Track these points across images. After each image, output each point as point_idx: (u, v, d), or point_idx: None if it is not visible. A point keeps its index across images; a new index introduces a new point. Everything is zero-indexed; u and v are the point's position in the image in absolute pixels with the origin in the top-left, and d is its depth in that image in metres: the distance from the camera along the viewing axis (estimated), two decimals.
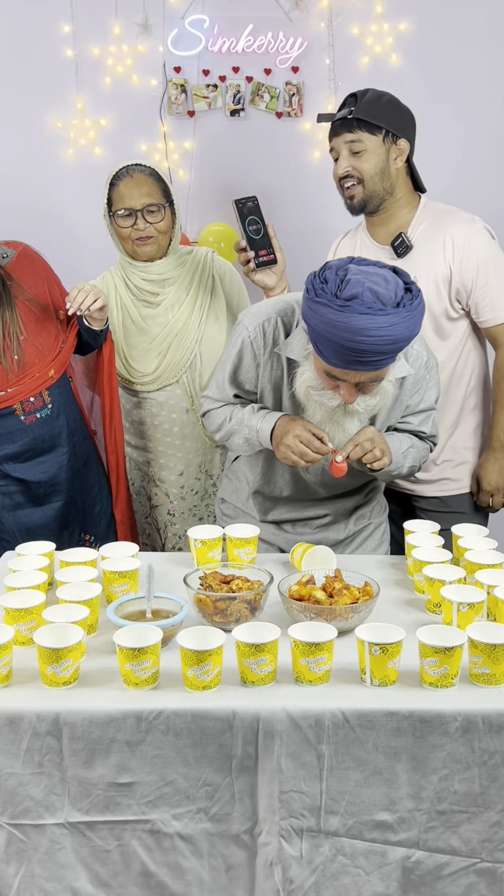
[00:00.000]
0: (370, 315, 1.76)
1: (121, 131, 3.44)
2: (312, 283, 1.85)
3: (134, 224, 2.54)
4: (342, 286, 1.80)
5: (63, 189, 3.45)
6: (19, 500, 2.41)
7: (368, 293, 1.79)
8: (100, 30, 3.34)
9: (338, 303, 1.77)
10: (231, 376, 2.12)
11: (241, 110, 3.44)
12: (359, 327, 1.76)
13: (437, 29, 3.36)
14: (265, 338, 2.05)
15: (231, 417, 2.14)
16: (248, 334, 2.06)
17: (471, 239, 2.42)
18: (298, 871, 1.57)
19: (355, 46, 3.38)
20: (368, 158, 2.41)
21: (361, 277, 1.80)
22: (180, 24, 3.33)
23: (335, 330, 1.78)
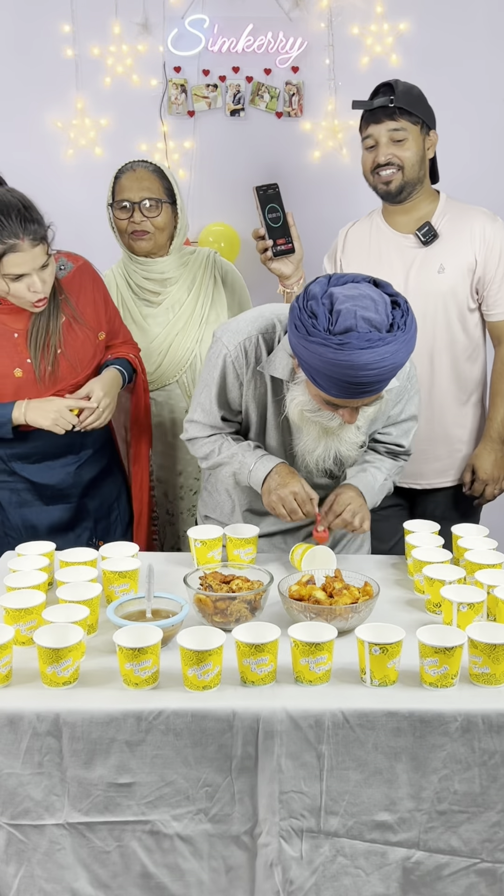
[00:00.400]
0: (371, 349, 1.71)
1: (121, 131, 3.44)
2: (300, 318, 1.77)
3: (130, 217, 2.55)
4: (333, 319, 1.74)
5: (63, 189, 3.45)
6: (27, 497, 2.38)
7: (363, 323, 1.73)
8: (100, 30, 3.35)
9: (335, 341, 1.71)
10: (217, 398, 2.08)
11: (241, 110, 3.44)
12: (361, 363, 1.72)
13: (437, 29, 3.36)
14: (247, 357, 2.02)
15: (220, 450, 2.11)
16: (228, 353, 2.02)
17: (496, 232, 2.51)
18: (298, 872, 1.57)
19: (355, 46, 3.38)
20: (410, 147, 2.47)
21: (350, 306, 1.74)
22: (180, 24, 3.34)
23: (335, 368, 1.74)
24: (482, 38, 3.39)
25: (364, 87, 3.36)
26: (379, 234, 2.60)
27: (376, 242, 2.61)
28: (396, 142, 2.47)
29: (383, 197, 2.55)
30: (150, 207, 2.54)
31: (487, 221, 2.51)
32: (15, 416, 2.23)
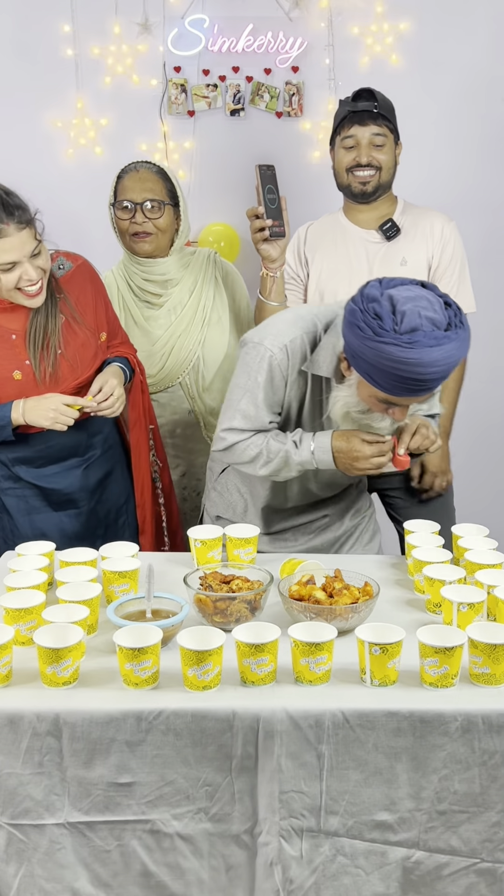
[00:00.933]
0: (438, 346, 1.77)
1: (121, 131, 3.44)
2: (364, 320, 1.81)
3: (132, 217, 2.54)
4: (398, 319, 1.79)
5: (63, 189, 3.45)
6: (35, 503, 2.35)
7: (427, 322, 1.78)
8: (100, 29, 3.34)
9: (404, 339, 1.76)
10: (265, 402, 2.06)
11: (241, 110, 3.44)
12: (430, 360, 1.77)
13: (437, 29, 3.36)
14: (290, 358, 2.03)
15: (268, 453, 2.06)
16: (272, 355, 2.02)
17: (450, 232, 2.66)
18: (298, 871, 1.57)
19: (355, 46, 3.38)
20: (387, 152, 2.62)
21: (412, 307, 1.79)
22: (180, 24, 3.33)
23: (403, 366, 1.78)
24: (482, 38, 3.39)
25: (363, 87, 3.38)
26: (343, 230, 2.71)
27: (341, 237, 2.70)
28: (377, 146, 2.59)
29: (357, 196, 2.65)
30: (152, 209, 2.54)
31: (444, 221, 2.67)
32: (14, 417, 2.21)
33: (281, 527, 2.27)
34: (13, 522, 2.37)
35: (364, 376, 1.87)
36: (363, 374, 1.86)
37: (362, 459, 1.99)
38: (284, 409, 2.10)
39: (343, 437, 2.01)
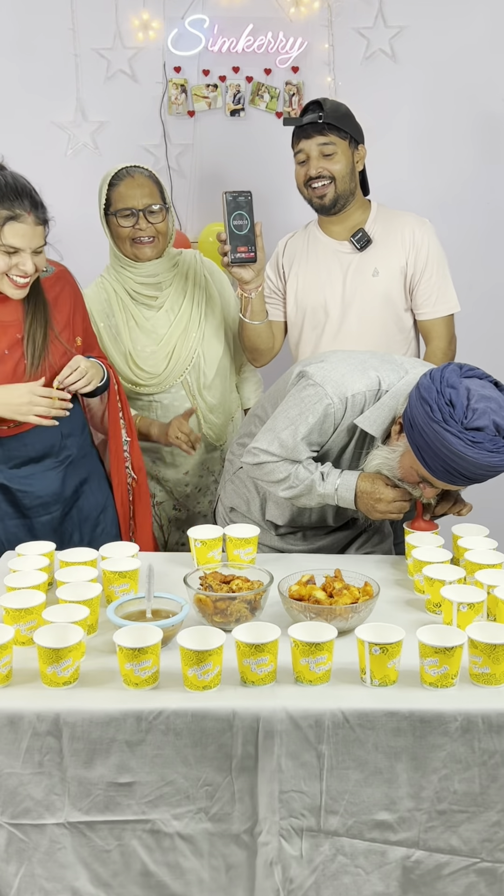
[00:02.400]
0: (496, 453, 1.84)
1: (121, 131, 3.44)
2: (437, 403, 1.86)
3: (135, 224, 2.55)
4: (469, 415, 1.84)
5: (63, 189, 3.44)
6: (7, 510, 2.32)
7: (492, 427, 1.84)
8: (100, 29, 3.34)
9: (468, 436, 1.83)
10: (306, 439, 2.07)
11: (241, 110, 3.44)
12: (485, 464, 1.85)
13: (437, 29, 3.36)
14: (348, 411, 2.05)
15: (295, 479, 2.09)
16: (331, 404, 2.03)
17: (424, 235, 2.64)
18: (298, 871, 1.57)
19: (355, 46, 3.38)
20: (339, 160, 2.59)
21: (485, 406, 1.85)
22: (180, 24, 3.33)
23: (459, 460, 1.85)
24: (482, 38, 3.39)
25: (364, 87, 3.39)
26: (316, 242, 2.72)
27: (314, 250, 2.72)
28: (326, 156, 2.58)
29: (318, 210, 2.67)
30: (154, 213, 2.55)
31: (417, 226, 2.65)
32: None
33: (291, 528, 2.29)
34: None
35: (415, 450, 1.92)
36: (415, 448, 1.91)
37: (385, 502, 2.04)
38: (323, 450, 2.13)
39: (369, 479, 2.06)
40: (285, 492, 2.11)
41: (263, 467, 2.13)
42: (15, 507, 2.33)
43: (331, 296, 2.67)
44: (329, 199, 2.60)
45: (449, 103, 3.43)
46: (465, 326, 2.85)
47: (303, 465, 2.10)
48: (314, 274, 2.69)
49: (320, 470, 2.09)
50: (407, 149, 3.47)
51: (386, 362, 2.11)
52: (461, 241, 3.48)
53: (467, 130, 3.47)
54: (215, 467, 2.80)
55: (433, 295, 2.64)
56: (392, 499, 2.04)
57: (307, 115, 2.58)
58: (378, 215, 2.69)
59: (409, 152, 3.47)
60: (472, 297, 3.48)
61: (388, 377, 2.07)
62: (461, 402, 1.85)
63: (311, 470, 2.09)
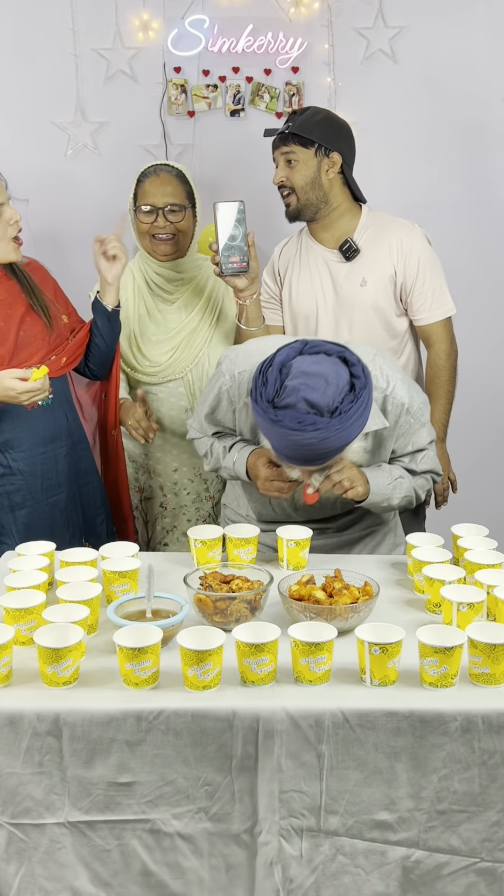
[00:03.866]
0: (300, 431, 1.78)
1: (121, 131, 3.44)
2: (256, 381, 1.86)
3: (154, 221, 2.60)
4: (280, 393, 1.81)
5: (63, 189, 3.45)
6: (17, 499, 2.38)
7: (303, 404, 1.78)
8: (100, 30, 3.34)
9: (271, 414, 1.80)
10: (209, 416, 2.17)
11: (241, 110, 3.44)
12: (291, 441, 1.80)
13: (437, 29, 3.36)
14: (240, 389, 2.08)
15: (210, 452, 2.21)
16: (224, 381, 2.09)
17: (413, 243, 2.65)
18: (298, 871, 1.57)
19: (355, 47, 3.38)
20: (300, 170, 2.60)
21: (299, 383, 1.79)
22: (180, 24, 3.33)
23: (273, 439, 1.85)
24: (482, 38, 3.39)
25: (364, 87, 3.39)
26: (308, 249, 2.74)
27: (306, 257, 2.74)
28: (288, 163, 2.61)
29: (287, 217, 2.70)
30: (173, 212, 2.60)
31: (405, 233, 2.65)
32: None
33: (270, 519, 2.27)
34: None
35: None
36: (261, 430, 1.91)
37: (261, 480, 2.05)
38: (237, 431, 2.16)
39: (257, 454, 2.08)
40: (207, 465, 2.22)
41: (194, 442, 2.28)
42: (26, 495, 2.39)
43: (322, 304, 2.69)
44: (292, 208, 2.64)
45: (449, 103, 3.43)
46: (464, 327, 2.85)
47: (218, 440, 2.17)
48: (307, 282, 2.71)
49: (224, 444, 2.16)
50: (406, 148, 3.46)
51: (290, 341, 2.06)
52: (460, 241, 3.48)
53: (467, 130, 3.47)
54: (208, 476, 2.80)
55: (428, 300, 2.65)
56: (266, 477, 2.03)
57: (284, 125, 2.62)
58: (367, 223, 2.69)
59: (408, 152, 3.47)
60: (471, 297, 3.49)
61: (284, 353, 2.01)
62: (273, 381, 1.82)
63: (224, 443, 2.16)
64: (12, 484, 2.37)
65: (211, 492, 2.80)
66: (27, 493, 2.39)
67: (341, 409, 1.80)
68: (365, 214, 2.71)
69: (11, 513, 2.39)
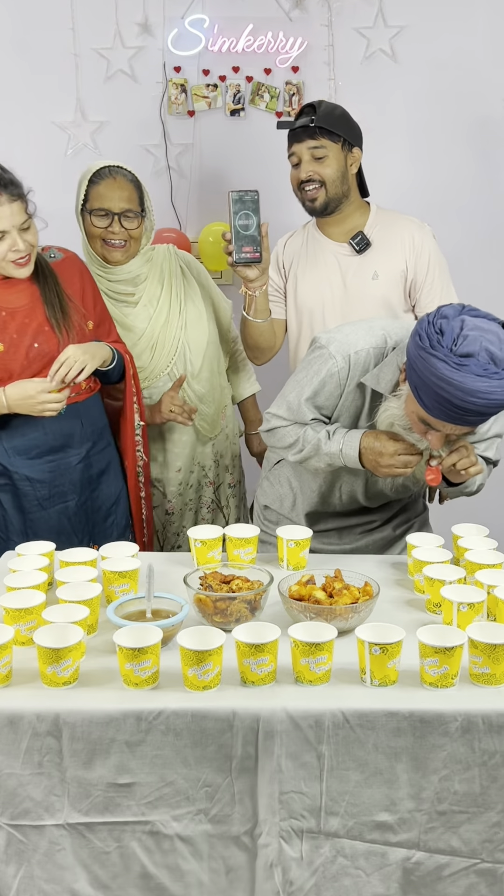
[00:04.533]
0: (486, 378, 1.74)
1: (121, 131, 3.43)
2: (427, 331, 1.80)
3: (109, 226, 2.54)
4: (459, 341, 1.77)
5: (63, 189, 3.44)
6: (25, 504, 2.36)
7: (485, 353, 1.76)
8: (100, 29, 3.34)
9: (454, 360, 1.75)
10: (310, 399, 2.09)
11: (241, 110, 3.43)
12: (473, 389, 1.75)
13: (437, 29, 3.36)
14: (352, 369, 2.03)
15: (304, 441, 2.10)
16: (335, 363, 2.03)
17: (424, 240, 2.66)
18: (298, 873, 1.57)
19: (355, 46, 3.38)
20: (330, 164, 2.59)
21: (478, 334, 1.77)
22: (180, 24, 3.33)
23: (447, 386, 1.76)
24: (482, 38, 3.38)
25: (364, 88, 3.39)
26: (315, 243, 2.74)
27: (314, 251, 2.73)
28: (317, 159, 2.59)
29: (310, 212, 2.69)
30: (128, 219, 2.54)
31: (416, 230, 2.67)
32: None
33: (326, 526, 2.28)
34: (7, 517, 2.37)
35: (412, 389, 1.85)
36: (412, 386, 1.85)
37: (387, 455, 1.98)
38: (334, 417, 2.12)
39: (373, 434, 2.02)
40: (295, 455, 2.12)
41: (276, 433, 2.16)
42: (34, 499, 2.36)
43: (329, 298, 2.68)
44: (320, 202, 2.62)
45: (449, 103, 3.43)
46: None
47: (311, 426, 2.10)
48: (314, 275, 2.70)
49: (326, 429, 2.08)
50: (406, 149, 3.46)
51: (397, 323, 2.08)
52: (460, 242, 3.47)
53: (467, 130, 3.47)
54: (206, 462, 2.79)
55: (437, 297, 2.65)
56: (394, 451, 1.97)
57: (301, 119, 2.59)
58: (377, 218, 2.70)
59: (408, 152, 3.47)
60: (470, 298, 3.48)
61: (396, 334, 2.03)
62: (451, 330, 1.78)
63: (318, 430, 2.08)
64: (20, 487, 2.35)
65: (210, 477, 2.81)
66: (34, 499, 2.36)
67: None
68: (374, 210, 2.72)
69: (21, 513, 2.37)
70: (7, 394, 2.23)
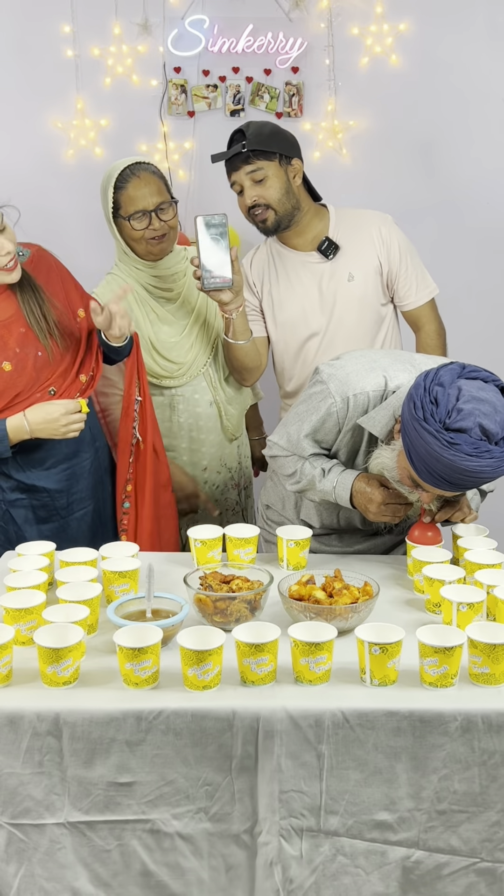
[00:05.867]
0: (476, 457, 1.74)
1: (121, 131, 3.43)
2: (422, 400, 1.78)
3: (149, 225, 2.53)
4: (453, 414, 1.75)
5: (63, 189, 3.45)
6: (42, 514, 2.34)
7: (478, 430, 1.74)
8: (100, 30, 3.34)
9: (446, 437, 1.74)
10: (310, 435, 2.09)
11: (241, 110, 3.43)
12: (462, 468, 1.75)
13: (437, 29, 3.36)
14: (350, 410, 2.03)
15: (301, 474, 2.12)
16: (334, 402, 2.03)
17: (390, 231, 2.67)
18: (298, 871, 1.57)
19: (355, 46, 3.38)
20: (272, 184, 2.57)
21: (472, 407, 1.75)
22: (180, 25, 3.33)
23: (436, 462, 1.77)
24: (482, 38, 3.38)
25: (364, 88, 3.39)
26: (281, 258, 2.72)
27: (282, 265, 2.72)
28: (257, 182, 2.56)
29: (265, 233, 2.67)
30: (165, 210, 2.54)
31: (380, 223, 2.67)
32: (14, 435, 2.18)
33: (327, 529, 2.27)
34: (20, 532, 2.34)
35: (405, 449, 1.85)
36: (405, 446, 1.85)
37: (375, 503, 2.00)
38: (333, 452, 2.12)
39: (365, 478, 2.03)
40: (293, 486, 2.15)
41: (277, 460, 2.19)
42: (50, 511, 2.34)
43: (310, 307, 2.68)
44: (271, 222, 2.61)
45: (449, 103, 3.43)
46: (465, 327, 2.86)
47: (308, 461, 2.10)
48: (287, 289, 2.69)
49: (322, 466, 2.09)
50: (407, 149, 3.46)
51: (400, 362, 2.06)
52: (461, 241, 3.48)
53: (467, 130, 3.47)
54: (231, 464, 2.80)
55: (413, 285, 2.68)
56: (382, 500, 1.99)
57: (232, 146, 2.56)
58: (339, 220, 2.69)
59: (408, 153, 3.47)
60: (471, 297, 3.49)
61: (398, 377, 2.02)
62: (446, 402, 1.76)
63: (315, 466, 2.09)
64: (37, 500, 2.32)
65: (236, 479, 2.81)
66: (52, 509, 2.34)
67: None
68: (333, 212, 2.70)
69: (35, 526, 2.34)
70: (29, 419, 2.19)
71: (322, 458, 2.12)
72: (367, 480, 2.02)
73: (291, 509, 2.32)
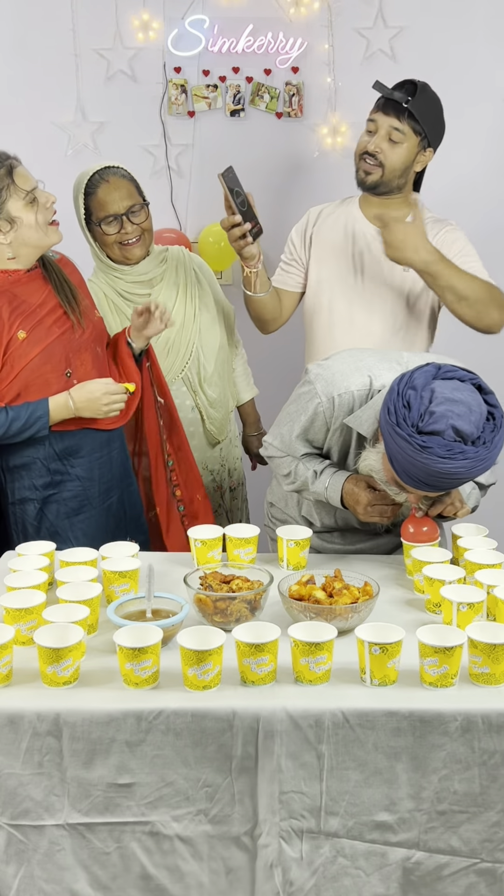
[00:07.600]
0: (449, 459, 1.74)
1: (121, 131, 3.43)
2: (395, 404, 1.79)
3: (121, 229, 2.54)
4: (426, 417, 1.75)
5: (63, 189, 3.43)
6: (73, 505, 2.35)
7: (451, 431, 1.74)
8: (100, 30, 3.34)
9: (418, 440, 1.74)
10: (300, 436, 2.10)
11: (241, 110, 3.43)
12: (436, 470, 1.75)
13: (437, 29, 3.36)
14: (336, 410, 2.03)
15: (295, 475, 2.13)
16: (320, 402, 2.03)
17: (455, 234, 2.61)
18: (298, 873, 1.57)
19: (355, 47, 3.38)
20: (400, 152, 2.51)
21: (445, 409, 1.74)
22: (180, 25, 3.33)
23: (412, 466, 1.77)
24: (482, 38, 3.38)
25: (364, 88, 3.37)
26: (355, 222, 2.67)
27: (351, 228, 2.66)
28: (392, 140, 2.50)
29: (358, 184, 2.61)
30: (136, 213, 2.54)
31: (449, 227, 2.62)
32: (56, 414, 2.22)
33: (330, 527, 2.27)
34: (53, 527, 2.35)
35: (386, 453, 1.85)
36: (386, 450, 1.85)
37: (362, 505, 2.00)
38: (325, 450, 2.13)
39: (354, 480, 2.03)
40: (289, 486, 2.16)
41: (273, 461, 2.20)
42: (82, 501, 2.36)
43: (356, 278, 2.63)
44: (372, 180, 2.54)
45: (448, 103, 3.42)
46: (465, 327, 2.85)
47: (302, 462, 2.11)
48: (344, 251, 2.64)
49: (314, 468, 2.09)
50: None
51: (387, 361, 2.06)
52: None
53: (467, 131, 3.46)
54: (214, 466, 2.80)
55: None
56: (368, 502, 1.99)
57: (398, 92, 2.49)
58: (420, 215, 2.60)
59: None
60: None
61: (384, 376, 2.01)
62: (419, 405, 1.76)
63: (308, 467, 2.10)
64: (69, 490, 2.34)
65: (218, 482, 2.81)
66: (84, 498, 2.36)
67: (484, 437, 1.77)
68: (420, 206, 2.64)
69: (68, 519, 2.35)
70: (74, 397, 2.23)
71: (315, 460, 2.12)
72: (355, 482, 2.03)
73: (294, 507, 2.32)
